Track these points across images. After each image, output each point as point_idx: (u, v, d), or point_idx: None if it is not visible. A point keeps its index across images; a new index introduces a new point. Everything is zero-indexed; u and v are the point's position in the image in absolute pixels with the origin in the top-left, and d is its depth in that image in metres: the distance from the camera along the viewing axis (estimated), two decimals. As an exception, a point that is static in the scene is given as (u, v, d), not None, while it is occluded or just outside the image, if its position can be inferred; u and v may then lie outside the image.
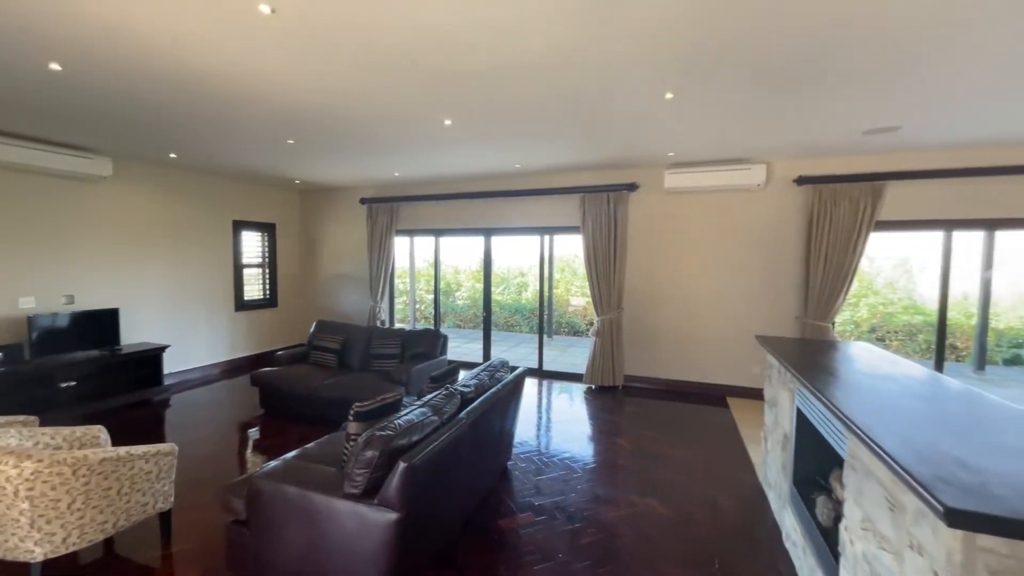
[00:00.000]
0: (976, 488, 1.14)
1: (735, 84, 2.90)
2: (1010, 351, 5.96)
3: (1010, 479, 1.19)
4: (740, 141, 4.20)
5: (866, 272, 6.42)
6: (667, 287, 5.42)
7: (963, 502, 1.07)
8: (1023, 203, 4.17)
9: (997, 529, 1.04)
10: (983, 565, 1.10)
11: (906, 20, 2.13)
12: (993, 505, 1.06)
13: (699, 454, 3.69)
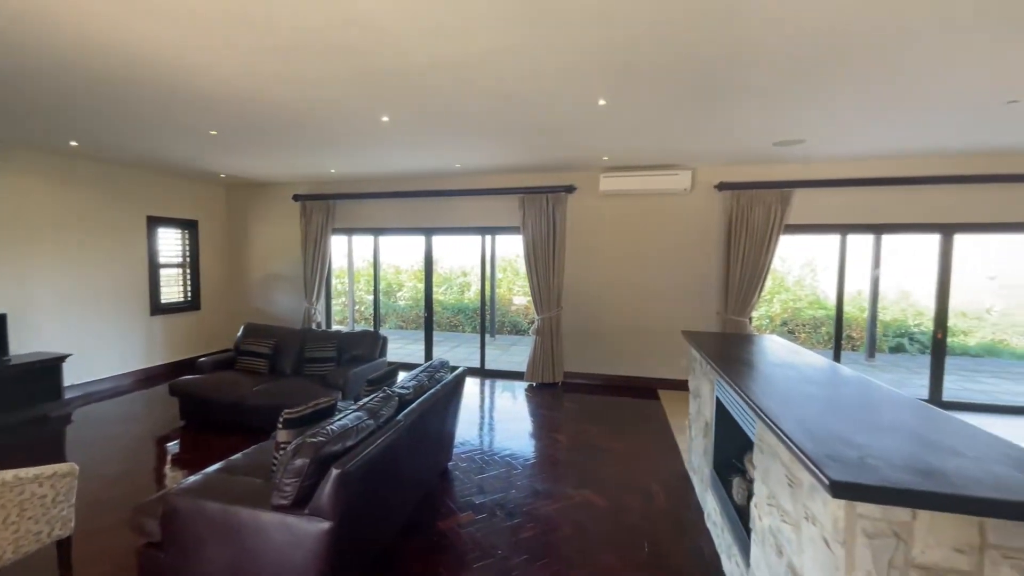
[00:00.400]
0: (856, 462, 1.29)
1: (662, 95, 3.08)
2: (895, 340, 6.81)
3: (883, 453, 1.36)
4: (668, 148, 4.45)
5: (779, 271, 7.06)
6: (603, 286, 5.64)
7: (844, 475, 1.21)
8: (905, 210, 4.77)
9: (871, 497, 1.18)
10: (861, 529, 1.25)
11: (807, 46, 2.37)
12: (868, 476, 1.22)
13: (632, 445, 3.88)
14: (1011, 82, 2.79)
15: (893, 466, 1.28)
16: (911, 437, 1.49)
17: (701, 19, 2.15)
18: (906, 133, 3.85)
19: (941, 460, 1.32)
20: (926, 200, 4.71)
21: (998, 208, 4.56)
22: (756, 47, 2.40)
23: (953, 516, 1.21)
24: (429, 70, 2.72)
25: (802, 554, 1.48)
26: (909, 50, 2.40)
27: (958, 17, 2.10)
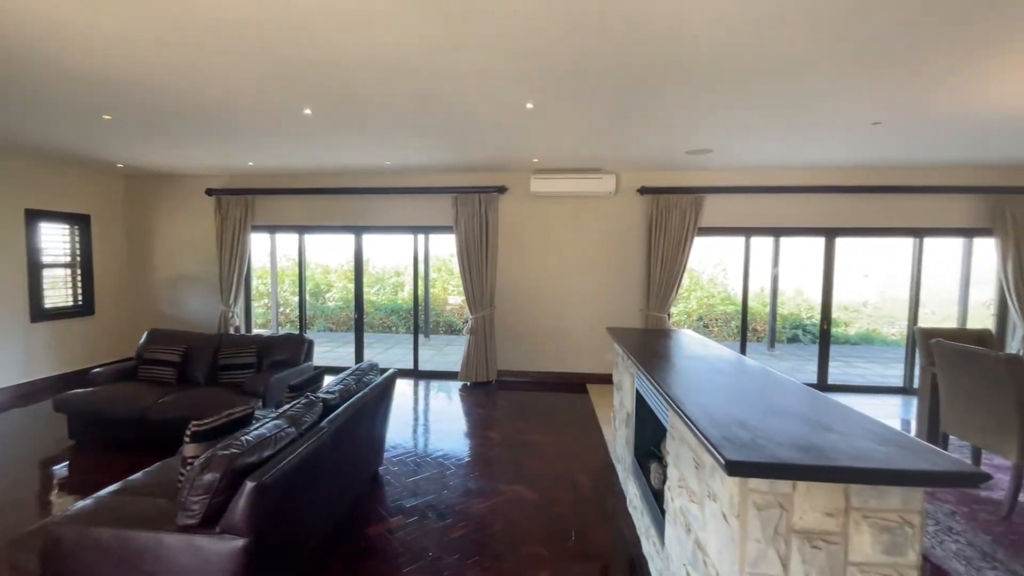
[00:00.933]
0: (749, 443, 1.44)
1: (586, 102, 3.21)
2: (791, 331, 7.63)
3: (771, 433, 1.52)
4: (594, 152, 4.65)
5: (695, 271, 7.63)
6: (534, 285, 5.77)
7: (738, 455, 1.35)
8: (798, 215, 5.34)
9: (760, 473, 1.33)
10: (752, 502, 1.40)
11: (715, 65, 2.58)
12: (757, 455, 1.36)
13: (561, 439, 4.02)
14: (875, 108, 3.22)
15: (779, 444, 1.44)
16: (795, 418, 1.68)
17: (617, 32, 2.27)
18: (797, 148, 4.31)
19: (817, 437, 1.50)
20: (814, 207, 5.31)
21: (872, 214, 5.25)
22: (669, 62, 2.57)
23: (824, 485, 1.38)
24: (350, 63, 2.64)
25: (706, 529, 1.63)
26: (798, 76, 2.70)
27: (838, 52, 2.39)
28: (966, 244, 5.37)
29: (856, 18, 2.10)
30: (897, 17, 2.09)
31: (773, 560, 1.40)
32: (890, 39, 2.28)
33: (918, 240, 5.33)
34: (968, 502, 2.92)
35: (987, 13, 2.04)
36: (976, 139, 3.95)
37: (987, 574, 2.27)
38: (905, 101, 3.10)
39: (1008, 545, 2.49)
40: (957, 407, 3.04)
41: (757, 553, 1.40)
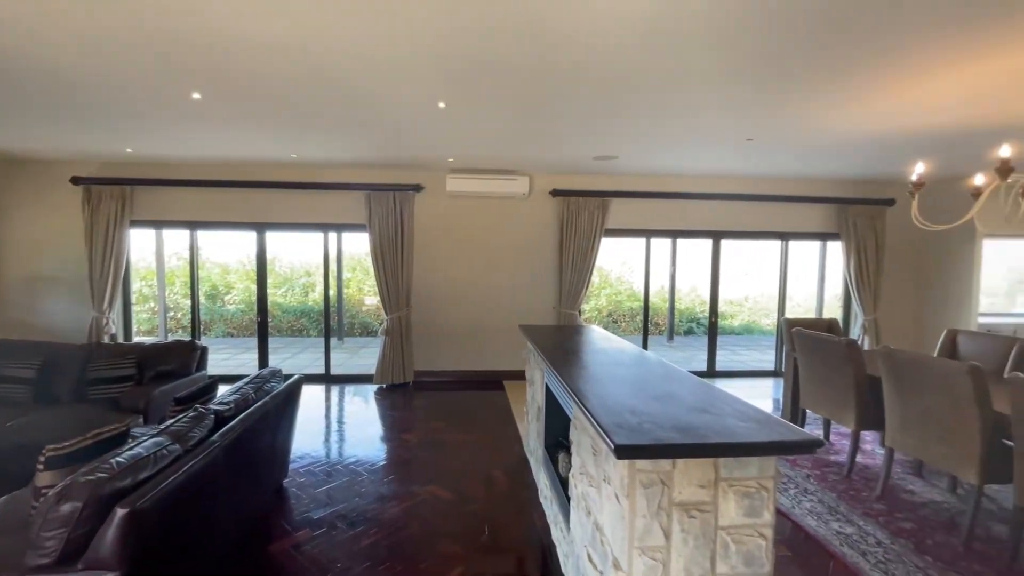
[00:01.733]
0: (636, 427, 1.58)
1: (497, 105, 3.28)
2: (687, 324, 8.44)
3: (656, 418, 1.68)
4: (508, 154, 4.75)
5: (604, 269, 8.13)
6: (452, 284, 5.77)
7: (626, 439, 1.47)
8: (690, 219, 5.89)
9: (643, 455, 1.47)
10: (639, 482, 1.54)
11: (614, 79, 2.77)
12: (643, 438, 1.50)
13: (478, 436, 4.07)
14: (747, 125, 3.66)
15: (661, 427, 1.59)
16: (677, 403, 1.86)
17: (523, 37, 2.36)
18: (689, 158, 4.76)
19: (694, 418, 1.68)
20: (704, 212, 5.89)
21: (749, 219, 5.95)
22: (571, 69, 2.72)
23: (698, 460, 1.56)
24: (247, 47, 2.46)
25: (603, 511, 1.75)
26: (684, 94, 2.99)
27: (716, 76, 2.68)
28: (821, 247, 6.30)
29: (725, 50, 2.38)
30: (762, 50, 2.40)
31: (657, 533, 1.55)
32: (757, 67, 2.61)
33: (784, 243, 6.14)
34: (820, 466, 3.44)
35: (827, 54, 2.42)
36: (825, 156, 4.64)
37: (832, 525, 2.69)
38: (770, 123, 3.56)
39: (848, 500, 2.97)
40: (811, 386, 3.57)
41: (644, 527, 1.54)
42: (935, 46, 2.32)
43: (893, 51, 2.39)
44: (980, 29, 2.15)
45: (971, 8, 1.99)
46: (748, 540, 1.59)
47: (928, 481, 3.20)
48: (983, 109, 3.12)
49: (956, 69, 2.56)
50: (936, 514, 2.80)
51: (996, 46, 2.30)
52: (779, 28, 2.19)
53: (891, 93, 2.93)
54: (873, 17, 2.08)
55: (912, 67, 2.56)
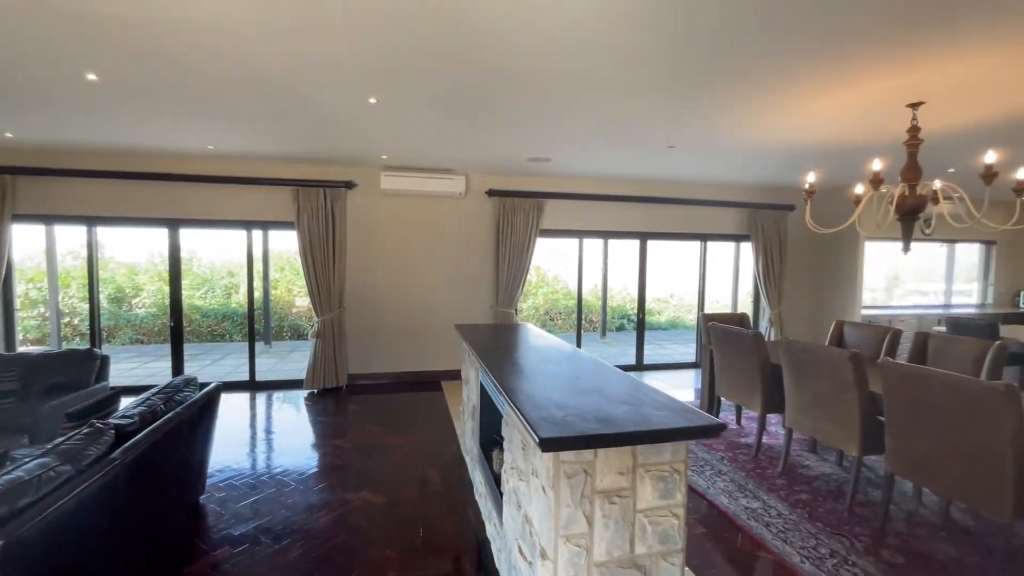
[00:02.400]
0: (561, 421, 1.65)
1: (430, 103, 3.26)
2: (619, 321, 8.85)
3: (580, 411, 1.76)
4: (444, 153, 4.73)
5: (541, 268, 8.33)
6: (387, 284, 5.64)
7: (550, 432, 1.53)
8: (620, 221, 6.18)
9: (566, 446, 1.54)
10: (563, 473, 1.61)
11: (548, 83, 2.85)
12: (565, 431, 1.57)
13: (414, 438, 4.03)
14: (669, 134, 3.91)
15: (584, 419, 1.66)
16: (602, 396, 1.95)
17: (455, 37, 2.37)
18: (619, 162, 4.99)
19: (615, 409, 1.77)
20: (632, 213, 6.20)
21: (673, 221, 6.34)
22: (504, 70, 2.77)
23: (617, 449, 1.66)
24: (155, 24, 2.26)
25: (531, 503, 1.81)
26: (607, 101, 3.14)
27: (637, 85, 2.84)
28: (735, 247, 6.86)
29: (641, 65, 2.54)
30: (674, 67, 2.58)
31: (581, 520, 1.63)
32: (673, 83, 2.80)
33: (703, 243, 6.62)
34: (733, 449, 3.76)
35: (729, 75, 2.65)
36: (737, 165, 5.06)
37: (741, 501, 2.96)
38: (688, 132, 3.82)
39: (755, 477, 3.27)
40: (724, 375, 3.89)
41: (568, 516, 1.61)
42: (815, 72, 2.62)
43: (783, 74, 2.66)
44: (849, 59, 2.45)
45: (840, 43, 2.27)
46: (663, 520, 1.71)
47: (821, 456, 3.60)
48: (859, 127, 3.55)
49: (835, 92, 2.89)
50: (827, 485, 3.17)
51: (862, 74, 2.63)
52: (684, 50, 2.37)
53: (785, 111, 3.26)
54: (763, 45, 2.31)
55: (799, 89, 2.86)
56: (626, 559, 1.68)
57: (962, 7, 1.98)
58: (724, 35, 2.25)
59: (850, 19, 2.09)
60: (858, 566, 2.34)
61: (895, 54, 2.38)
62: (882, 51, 2.36)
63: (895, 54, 2.38)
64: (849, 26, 2.14)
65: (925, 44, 2.28)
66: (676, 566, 1.74)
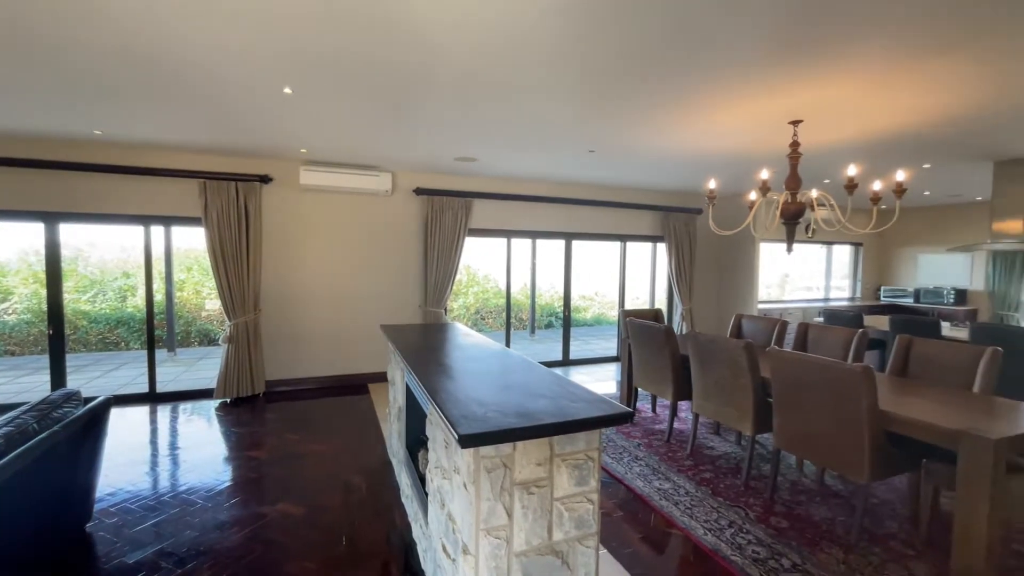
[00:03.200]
0: (481, 417, 1.69)
1: (349, 97, 3.16)
2: (547, 319, 9.13)
3: (500, 406, 1.81)
4: (368, 149, 4.60)
5: (473, 268, 8.37)
6: (309, 284, 5.38)
7: (469, 429, 1.57)
8: (548, 221, 6.36)
9: (485, 441, 1.57)
10: (483, 467, 1.65)
11: (467, 83, 2.88)
12: (484, 426, 1.61)
13: (338, 444, 3.89)
14: (588, 139, 4.10)
15: (504, 414, 1.72)
16: (522, 391, 2.02)
17: (373, 31, 2.32)
18: (545, 164, 5.14)
19: (533, 403, 1.84)
20: (558, 214, 6.41)
21: (595, 222, 6.65)
22: (422, 68, 2.76)
23: (536, 441, 1.73)
24: None
25: (454, 500, 1.84)
26: (528, 104, 3.23)
27: (556, 91, 2.96)
28: (652, 247, 7.33)
29: (559, 72, 2.65)
30: (588, 77, 2.72)
31: (501, 513, 1.68)
32: (588, 91, 2.95)
33: (623, 244, 7.02)
34: (648, 436, 4.03)
35: (639, 88, 2.84)
36: (652, 170, 5.42)
37: (654, 483, 3.19)
38: (606, 138, 4.04)
39: (667, 460, 3.55)
40: (641, 367, 4.17)
41: (488, 509, 1.66)
42: (714, 90, 2.89)
43: (684, 90, 2.91)
44: (743, 80, 2.74)
45: (733, 66, 2.53)
46: (579, 506, 1.81)
47: (724, 438, 3.98)
48: (752, 140, 3.95)
49: (731, 108, 3.21)
50: (727, 463, 3.51)
51: (752, 94, 2.95)
52: (597, 60, 2.51)
53: (689, 123, 3.55)
54: (667, 62, 2.51)
55: (700, 103, 3.14)
56: (544, 546, 1.76)
57: (831, 41, 2.29)
58: (631, 50, 2.41)
59: (740, 45, 2.33)
60: (751, 533, 2.62)
61: (780, 77, 2.69)
62: (769, 74, 2.66)
63: (780, 77, 2.69)
64: (740, 50, 2.39)
65: (803, 70, 2.60)
66: (591, 548, 1.85)
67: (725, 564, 2.37)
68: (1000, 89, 2.83)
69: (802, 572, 2.30)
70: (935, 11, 2.04)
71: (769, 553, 2.44)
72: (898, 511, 2.87)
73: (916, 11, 2.04)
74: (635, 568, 2.37)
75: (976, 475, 2.18)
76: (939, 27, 2.16)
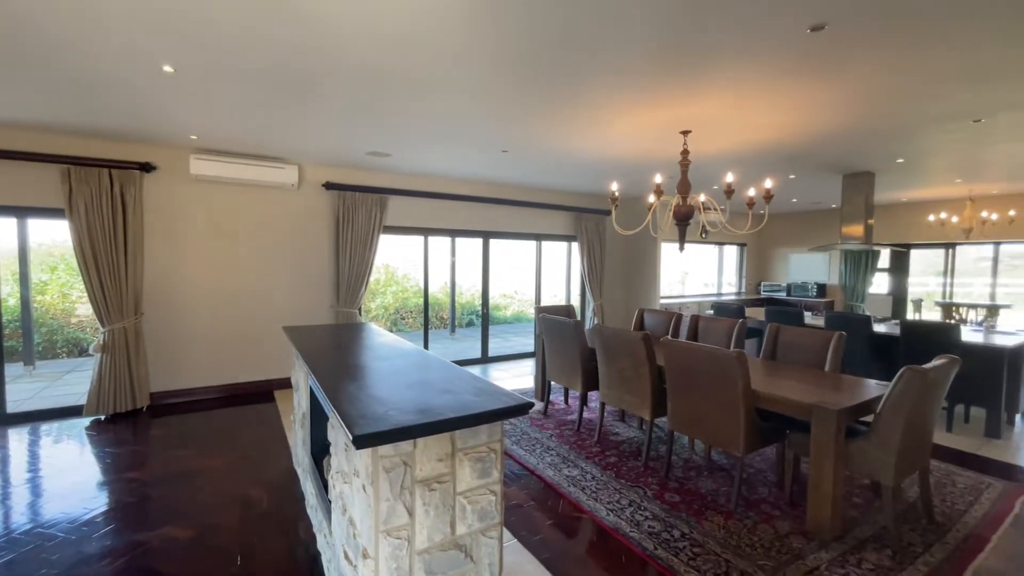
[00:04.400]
0: (381, 416, 1.65)
1: (241, 81, 2.94)
2: (468, 317, 9.15)
3: (402, 404, 1.79)
4: (269, 139, 4.29)
5: (391, 266, 8.15)
6: (205, 285, 4.91)
7: (365, 428, 1.53)
8: (466, 219, 6.38)
9: (382, 440, 1.54)
10: (382, 467, 1.63)
11: (374, 75, 2.79)
12: (382, 425, 1.58)
13: (238, 456, 3.60)
14: (501, 139, 4.18)
15: (405, 412, 1.70)
16: (427, 388, 2.02)
17: (266, 10, 2.18)
18: (461, 162, 5.15)
19: (437, 399, 1.84)
20: (477, 213, 6.46)
21: (513, 222, 6.79)
22: (330, 60, 2.64)
23: (437, 437, 1.73)
24: None
25: (354, 505, 1.79)
26: (439, 102, 3.22)
27: (467, 87, 2.97)
28: (567, 246, 7.65)
29: (471, 72, 2.68)
30: (490, 80, 2.77)
31: (401, 512, 1.67)
32: (495, 94, 3.01)
33: (539, 243, 7.24)
34: (560, 426, 4.21)
35: (541, 93, 2.96)
36: (563, 172, 5.65)
37: (564, 471, 3.34)
38: (517, 139, 4.14)
39: (577, 448, 3.73)
40: (553, 360, 4.34)
41: (388, 510, 1.64)
42: (612, 98, 3.09)
43: (582, 94, 3.07)
44: (641, 88, 2.96)
45: (629, 75, 2.72)
46: (482, 498, 1.85)
47: (628, 424, 4.26)
48: (650, 146, 4.27)
49: (631, 115, 3.45)
50: (630, 447, 3.77)
51: (648, 102, 3.19)
52: (503, 63, 2.57)
53: (592, 128, 3.76)
54: (567, 67, 2.64)
55: (600, 110, 3.34)
56: (448, 541, 1.78)
57: (709, 57, 2.54)
58: (526, 53, 2.50)
59: (626, 54, 2.51)
60: (648, 509, 2.84)
61: (668, 87, 2.94)
62: (660, 83, 2.89)
63: (668, 87, 2.94)
64: (627, 59, 2.57)
65: (689, 82, 2.86)
66: (495, 539, 1.90)
67: (624, 540, 2.55)
68: (843, 113, 3.33)
69: (690, 540, 2.54)
70: (786, 44, 2.34)
71: (663, 526, 2.67)
72: (768, 478, 3.27)
73: (769, 42, 2.33)
74: (543, 553, 2.47)
75: (824, 440, 2.56)
76: (790, 55, 2.49)
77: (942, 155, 4.61)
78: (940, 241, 7.59)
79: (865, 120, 3.46)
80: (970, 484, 3.21)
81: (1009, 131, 3.76)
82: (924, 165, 5.06)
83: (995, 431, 4.08)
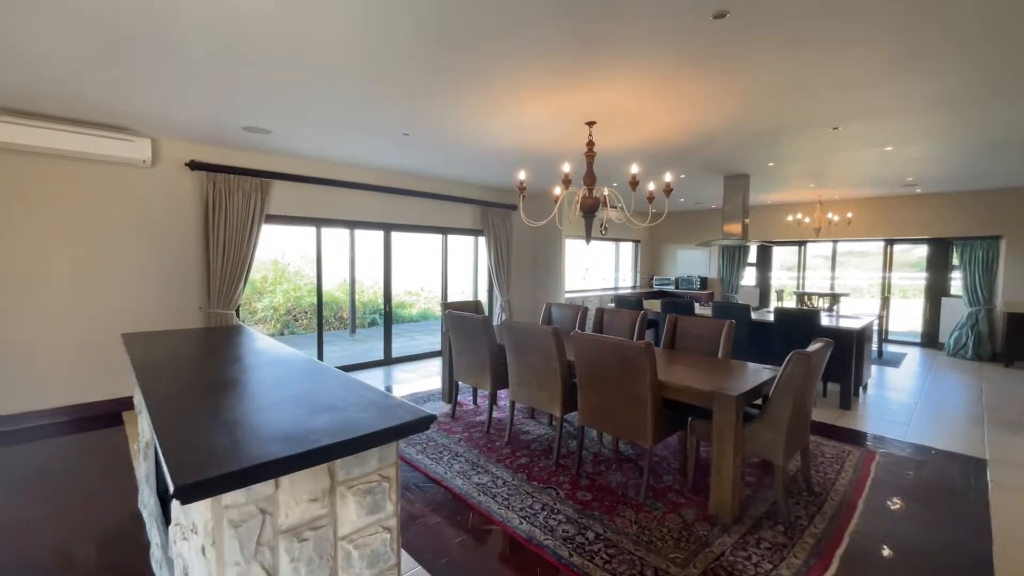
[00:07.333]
0: (225, 452, 1.23)
1: (50, 13, 2.24)
2: (371, 316, 8.54)
3: (265, 429, 1.36)
4: (109, 101, 3.44)
5: (282, 262, 7.26)
6: (13, 287, 3.86)
7: (194, 475, 1.08)
8: (366, 210, 5.84)
9: (222, 487, 1.13)
10: (228, 521, 1.21)
11: (238, 27, 2.28)
12: (224, 466, 1.14)
13: (65, 499, 2.85)
14: (401, 120, 3.80)
15: (270, 440, 1.30)
16: (303, 404, 1.61)
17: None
18: (357, 146, 4.64)
19: (314, 420, 1.46)
20: (377, 203, 5.96)
21: (416, 214, 6.39)
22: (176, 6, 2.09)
23: (311, 470, 1.37)
24: None
25: (194, 570, 1.37)
26: (325, 70, 2.78)
27: (355, 55, 2.57)
28: (474, 241, 7.42)
29: (359, 35, 2.30)
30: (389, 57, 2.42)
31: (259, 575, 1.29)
32: (393, 70, 2.65)
33: (445, 237, 6.93)
34: (469, 428, 3.97)
35: (441, 73, 2.67)
36: (469, 163, 5.39)
37: (474, 479, 3.11)
38: (420, 121, 3.79)
39: (486, 452, 3.52)
40: (460, 359, 4.08)
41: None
42: (513, 81, 2.89)
43: (488, 78, 2.84)
44: (547, 71, 2.78)
45: (529, 57, 2.53)
46: (372, 540, 1.52)
47: (538, 421, 4.15)
48: (556, 136, 4.17)
49: (535, 100, 3.28)
50: (541, 445, 3.65)
51: (553, 87, 3.04)
52: (392, 39, 2.24)
53: (496, 113, 3.54)
54: (461, 47, 2.38)
55: (505, 94, 3.13)
56: (327, 599, 1.43)
57: (616, 41, 2.42)
58: (427, 28, 2.20)
59: (533, 32, 2.31)
60: (561, 512, 2.71)
61: (573, 71, 2.79)
62: (565, 67, 2.73)
63: (573, 71, 2.79)
64: (535, 39, 2.37)
65: (592, 71, 2.74)
66: (390, 582, 1.59)
67: (538, 550, 2.38)
68: (732, 112, 3.47)
69: (604, 541, 2.45)
70: (689, 32, 2.31)
71: (577, 529, 2.55)
72: (672, 465, 3.34)
73: (673, 29, 2.28)
74: (449, 579, 2.21)
75: (724, 425, 2.61)
76: (692, 45, 2.47)
77: (802, 160, 5.14)
78: (795, 239, 8.70)
79: (749, 119, 3.65)
80: (835, 453, 3.56)
81: (855, 140, 4.24)
82: (788, 170, 5.65)
83: (847, 403, 4.64)
